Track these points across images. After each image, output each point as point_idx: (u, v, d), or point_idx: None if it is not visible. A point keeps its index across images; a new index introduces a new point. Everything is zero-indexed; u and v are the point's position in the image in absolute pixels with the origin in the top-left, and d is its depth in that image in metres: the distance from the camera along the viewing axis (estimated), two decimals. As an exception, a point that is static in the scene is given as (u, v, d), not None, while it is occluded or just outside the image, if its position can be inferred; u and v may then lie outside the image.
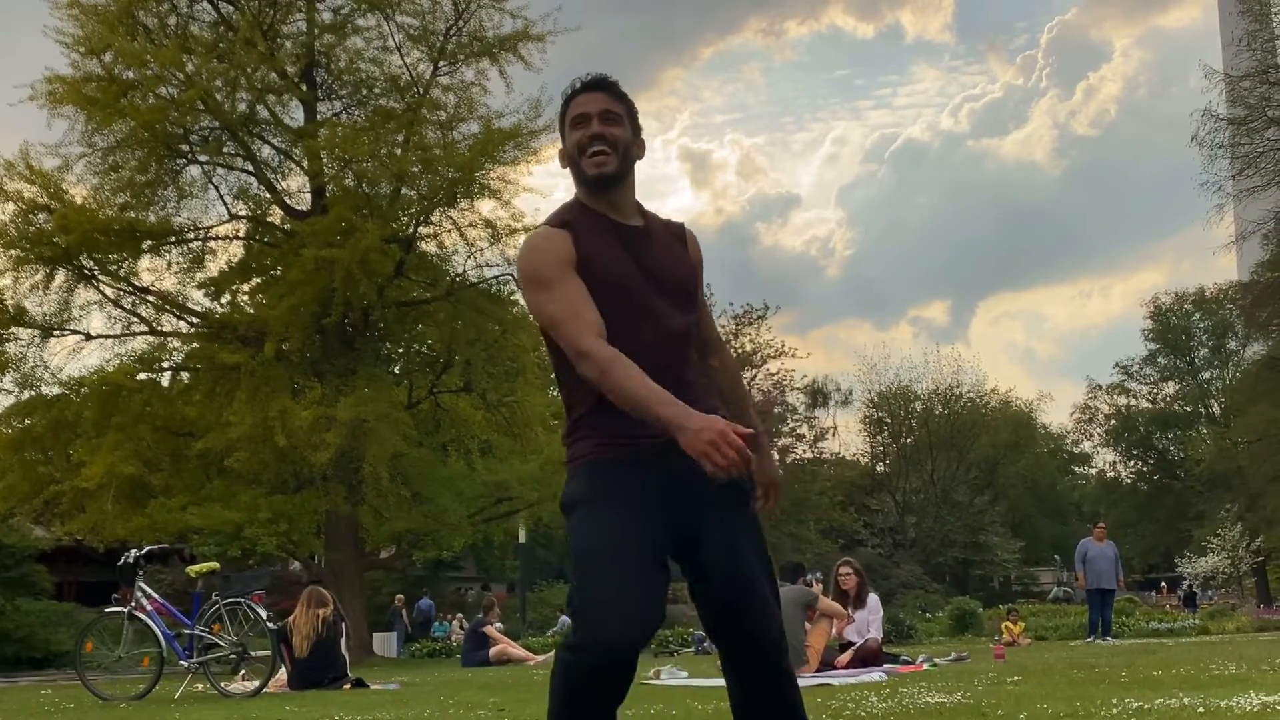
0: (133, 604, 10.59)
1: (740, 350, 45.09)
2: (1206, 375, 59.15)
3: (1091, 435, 64.83)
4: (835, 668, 10.80)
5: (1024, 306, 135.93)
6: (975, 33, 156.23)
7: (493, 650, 17.15)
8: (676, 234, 3.18)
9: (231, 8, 23.15)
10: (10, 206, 21.27)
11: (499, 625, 18.72)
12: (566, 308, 2.90)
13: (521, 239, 20.68)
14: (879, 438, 56.51)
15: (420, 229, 23.60)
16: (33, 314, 21.65)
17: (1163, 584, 58.23)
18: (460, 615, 28.35)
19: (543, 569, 46.91)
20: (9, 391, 21.91)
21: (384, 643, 28.88)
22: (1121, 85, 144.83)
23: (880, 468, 56.32)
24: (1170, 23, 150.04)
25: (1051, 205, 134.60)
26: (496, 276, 23.93)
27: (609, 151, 2.98)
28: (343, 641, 12.07)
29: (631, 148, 3.06)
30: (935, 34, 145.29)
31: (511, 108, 24.75)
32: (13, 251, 21.14)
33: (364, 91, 24.31)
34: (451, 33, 23.52)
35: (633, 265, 2.99)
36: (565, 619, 30.30)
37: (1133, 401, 61.72)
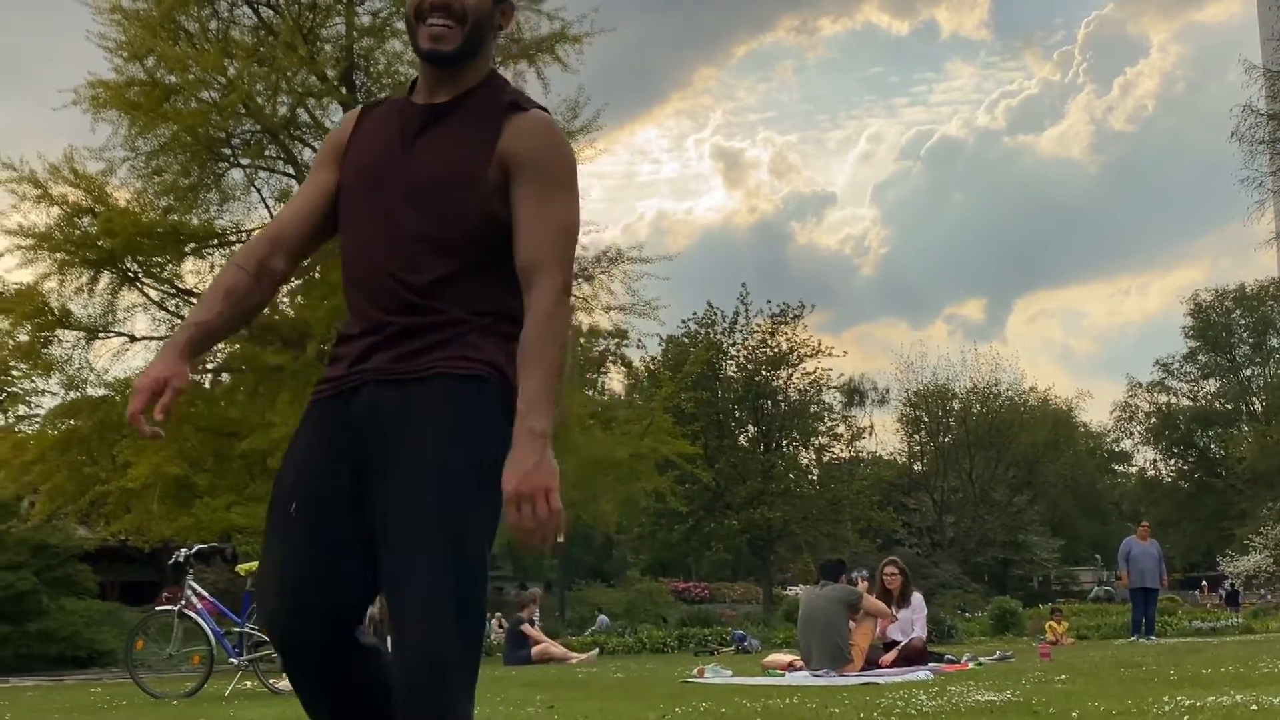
0: (183, 602, 10.73)
1: (776, 349, 44.91)
2: (1247, 372, 58.69)
3: (1132, 433, 64.52)
4: (880, 666, 10.81)
5: (1061, 304, 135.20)
6: (1011, 29, 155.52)
7: (534, 649, 17.24)
8: (494, 114, 2.40)
9: (271, 12, 23.32)
10: (55, 210, 21.51)
11: (536, 619, 18.83)
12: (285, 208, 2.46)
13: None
14: (916, 437, 56.26)
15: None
16: (78, 316, 21.88)
17: (1204, 583, 57.73)
18: (500, 614, 28.53)
19: (580, 568, 47.04)
20: (55, 393, 22.19)
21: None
22: (1159, 81, 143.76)
23: (918, 467, 56.06)
24: (1208, 17, 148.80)
25: (1089, 202, 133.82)
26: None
27: (450, 24, 2.36)
28: (387, 640, 12.17)
29: (487, 19, 2.42)
30: (971, 30, 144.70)
31: (548, 109, 24.77)
32: (58, 254, 21.36)
33: (402, 94, 24.45)
34: (489, 35, 23.59)
35: (384, 154, 2.40)
36: (604, 618, 30.38)
37: (1173, 399, 61.34)
